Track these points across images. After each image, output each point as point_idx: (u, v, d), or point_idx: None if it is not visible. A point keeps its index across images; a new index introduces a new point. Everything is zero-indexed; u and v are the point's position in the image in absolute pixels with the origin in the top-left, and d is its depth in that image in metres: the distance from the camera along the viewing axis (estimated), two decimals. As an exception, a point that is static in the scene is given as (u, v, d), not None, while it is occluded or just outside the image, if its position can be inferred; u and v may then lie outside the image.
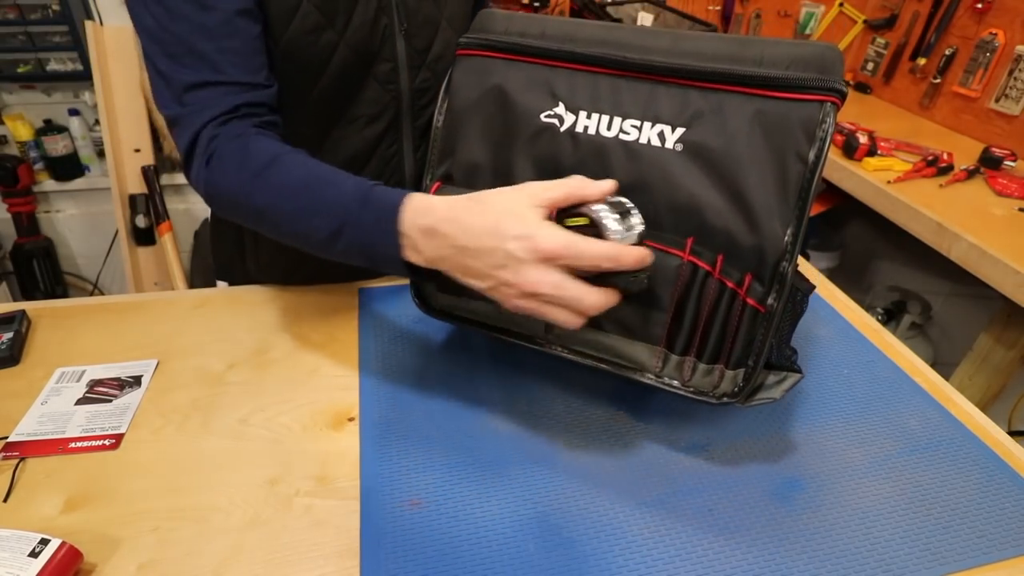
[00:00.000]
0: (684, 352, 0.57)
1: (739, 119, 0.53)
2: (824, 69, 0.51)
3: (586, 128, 0.57)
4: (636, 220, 0.50)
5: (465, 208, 0.50)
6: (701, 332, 0.56)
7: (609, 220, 0.49)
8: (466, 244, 0.49)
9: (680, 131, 0.54)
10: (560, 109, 0.58)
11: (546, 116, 0.58)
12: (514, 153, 0.60)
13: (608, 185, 0.50)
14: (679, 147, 0.54)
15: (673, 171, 0.55)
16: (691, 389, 0.57)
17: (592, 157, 0.57)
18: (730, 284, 0.54)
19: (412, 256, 0.52)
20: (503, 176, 0.61)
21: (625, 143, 0.56)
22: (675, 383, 0.58)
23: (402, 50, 0.72)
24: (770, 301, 0.53)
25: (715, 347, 0.56)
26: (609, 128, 0.56)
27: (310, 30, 0.66)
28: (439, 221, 0.50)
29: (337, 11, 0.66)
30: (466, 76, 0.62)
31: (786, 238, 0.52)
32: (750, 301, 0.54)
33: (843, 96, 0.51)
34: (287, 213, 0.57)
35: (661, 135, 0.55)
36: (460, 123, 0.62)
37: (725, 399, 0.56)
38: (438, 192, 0.63)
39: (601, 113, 0.57)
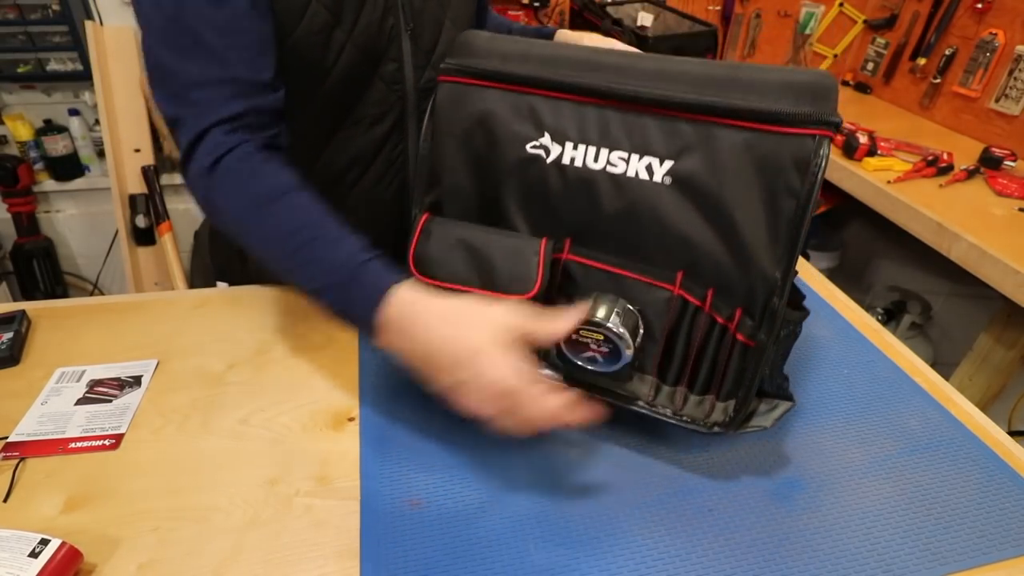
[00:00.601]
0: (676, 383, 0.57)
1: (729, 152, 0.51)
2: (817, 98, 0.48)
3: (573, 160, 0.55)
4: (639, 337, 0.56)
5: (441, 320, 0.52)
6: (692, 364, 0.56)
7: (625, 341, 0.54)
8: (436, 359, 0.52)
9: (668, 164, 0.53)
10: (546, 140, 0.56)
11: (532, 147, 0.57)
12: (501, 183, 0.59)
13: (573, 325, 0.53)
14: (667, 180, 0.53)
15: (662, 204, 0.53)
16: (683, 418, 0.57)
17: (579, 189, 0.56)
18: (720, 320, 0.54)
19: (383, 339, 0.54)
20: (491, 206, 0.60)
21: (613, 175, 0.54)
22: (667, 412, 0.58)
23: (408, 50, 0.72)
24: (760, 336, 0.53)
25: (706, 379, 0.56)
26: (596, 160, 0.55)
27: (319, 29, 0.65)
28: (415, 324, 0.52)
29: (345, 10, 0.66)
30: (450, 103, 0.60)
31: (777, 275, 0.51)
32: (740, 337, 0.54)
33: (837, 127, 0.48)
34: (275, 258, 0.58)
35: (649, 168, 0.53)
36: (445, 151, 0.61)
37: (716, 428, 0.56)
38: (427, 223, 0.60)
39: (588, 144, 0.55)
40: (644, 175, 0.54)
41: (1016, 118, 1.55)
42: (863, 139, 1.50)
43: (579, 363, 0.57)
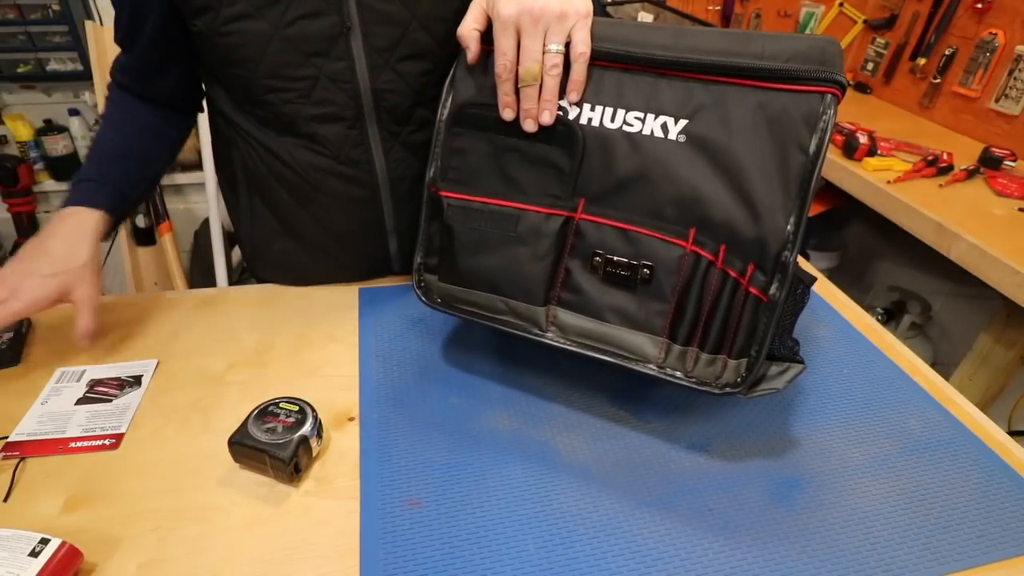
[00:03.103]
0: (687, 342, 0.57)
1: (741, 111, 0.53)
2: (824, 62, 0.51)
3: (590, 120, 0.57)
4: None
5: (31, 247, 0.69)
6: (704, 322, 0.56)
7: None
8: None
9: (683, 123, 0.55)
10: (563, 102, 0.58)
11: None
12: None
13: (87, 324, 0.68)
14: (682, 138, 0.55)
15: (676, 162, 0.55)
16: (693, 380, 0.57)
17: (596, 148, 0.57)
18: (733, 274, 0.55)
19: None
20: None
21: (628, 134, 0.56)
22: (677, 374, 0.58)
23: (359, 49, 0.69)
24: (772, 291, 0.53)
25: (718, 337, 0.56)
26: (612, 120, 0.57)
27: (235, 17, 0.65)
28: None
29: (267, 3, 0.65)
30: (470, 69, 0.61)
31: (788, 228, 0.52)
32: (753, 290, 0.54)
33: (843, 88, 0.51)
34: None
35: (664, 127, 0.55)
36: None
37: (728, 389, 0.56)
38: (437, 193, 0.64)
39: (604, 106, 0.57)
40: (659, 133, 0.56)
41: (1016, 118, 1.55)
42: (863, 139, 1.50)
43: (256, 434, 0.57)
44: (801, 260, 0.90)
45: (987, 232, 1.21)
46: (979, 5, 1.59)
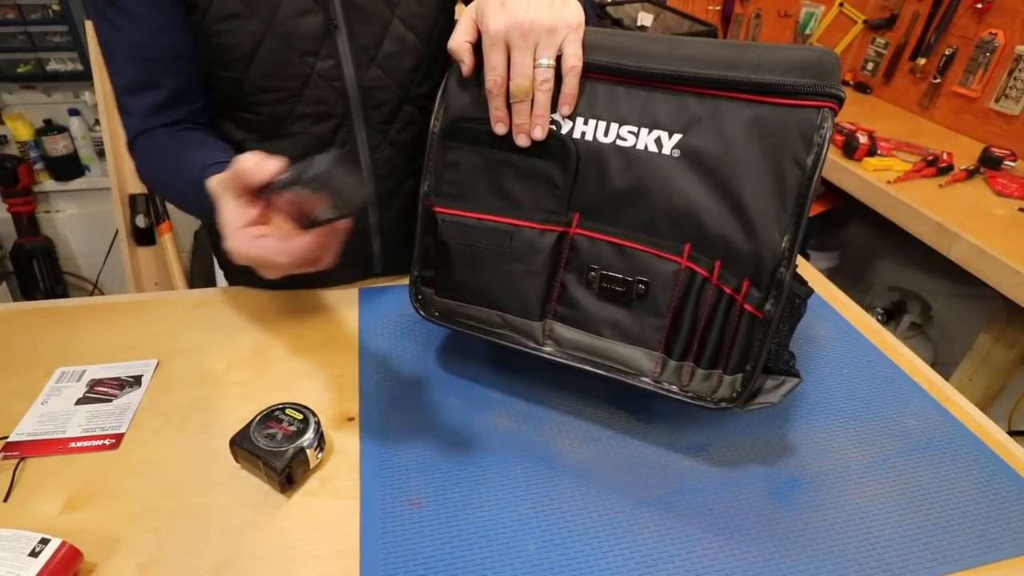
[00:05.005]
0: (682, 357, 0.57)
1: (736, 125, 0.52)
2: (821, 74, 0.50)
3: (583, 134, 0.57)
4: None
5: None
6: (699, 337, 0.56)
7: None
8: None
9: (677, 137, 0.54)
10: (556, 115, 0.57)
11: None
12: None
13: (274, 165, 0.50)
14: (676, 153, 0.54)
15: (670, 177, 0.54)
16: (689, 394, 0.57)
17: (589, 162, 0.57)
18: (728, 290, 0.54)
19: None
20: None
21: (622, 148, 0.56)
22: (673, 388, 0.58)
23: (345, 47, 0.70)
24: (768, 307, 0.53)
25: (713, 352, 0.56)
26: (606, 134, 0.56)
27: (226, 16, 0.65)
28: None
29: (259, 1, 0.65)
30: (462, 82, 0.61)
31: (783, 244, 0.52)
32: (748, 307, 0.54)
33: (840, 101, 0.50)
34: (175, 199, 0.71)
35: (658, 141, 0.55)
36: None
37: (723, 404, 0.56)
38: (432, 208, 0.63)
39: (598, 119, 0.56)
40: (653, 148, 0.55)
41: (1016, 118, 1.55)
42: (863, 139, 1.50)
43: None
44: (801, 260, 0.90)
45: (987, 232, 1.21)
46: (979, 5, 1.59)
